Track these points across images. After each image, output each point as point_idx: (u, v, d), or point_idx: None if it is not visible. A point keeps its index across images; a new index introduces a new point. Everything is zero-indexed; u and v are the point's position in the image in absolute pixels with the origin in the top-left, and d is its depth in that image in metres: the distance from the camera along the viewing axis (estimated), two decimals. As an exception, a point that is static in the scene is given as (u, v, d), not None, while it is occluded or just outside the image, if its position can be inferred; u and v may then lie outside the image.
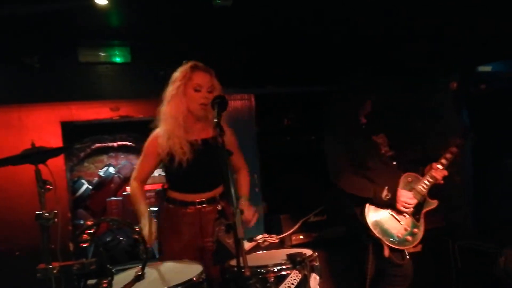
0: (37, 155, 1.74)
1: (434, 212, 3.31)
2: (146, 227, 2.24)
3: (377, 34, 4.03)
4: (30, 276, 1.84)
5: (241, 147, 2.66)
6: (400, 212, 2.86)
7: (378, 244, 2.83)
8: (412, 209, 2.86)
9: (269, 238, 3.45)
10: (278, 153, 4.50)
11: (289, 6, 3.40)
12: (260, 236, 3.51)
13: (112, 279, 1.75)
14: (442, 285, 3.54)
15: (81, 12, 3.18)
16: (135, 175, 2.48)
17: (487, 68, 4.19)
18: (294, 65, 4.32)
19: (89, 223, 1.84)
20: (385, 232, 2.81)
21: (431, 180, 2.91)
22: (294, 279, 1.99)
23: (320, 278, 2.13)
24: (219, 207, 2.20)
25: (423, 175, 2.97)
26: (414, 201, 2.85)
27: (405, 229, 2.85)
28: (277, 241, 3.51)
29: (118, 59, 3.94)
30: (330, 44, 4.23)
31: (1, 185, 3.63)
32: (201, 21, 3.61)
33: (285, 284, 1.98)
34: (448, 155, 2.94)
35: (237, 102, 4.35)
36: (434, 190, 2.98)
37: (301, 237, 3.62)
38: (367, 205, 2.84)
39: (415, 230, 2.87)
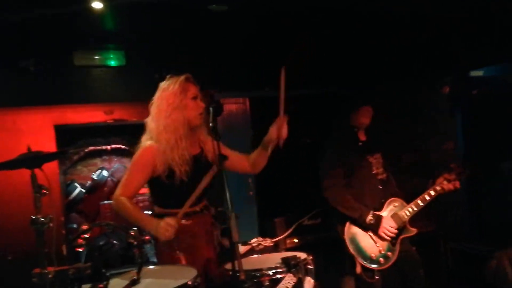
0: (33, 159, 1.73)
1: (427, 216, 3.32)
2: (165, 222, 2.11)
3: (370, 38, 4.06)
4: (24, 281, 1.83)
5: (236, 151, 2.63)
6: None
7: (352, 259, 2.91)
8: (392, 235, 2.92)
9: (264, 242, 3.46)
10: (273, 156, 4.52)
11: (282, 10, 3.43)
12: (255, 239, 3.51)
13: (107, 284, 1.74)
14: (433, 286, 3.56)
15: (77, 16, 3.19)
16: (121, 191, 2.22)
17: (479, 73, 4.24)
18: (288, 68, 4.32)
19: (85, 227, 1.84)
20: (359, 250, 2.91)
21: (415, 208, 2.97)
22: (289, 282, 2.00)
23: (315, 281, 2.14)
24: (212, 212, 2.20)
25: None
26: (394, 230, 2.92)
27: (380, 251, 2.92)
28: (271, 244, 3.52)
29: (113, 63, 3.94)
30: (326, 47, 4.26)
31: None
32: (195, 25, 3.62)
33: (280, 287, 1.98)
34: (445, 186, 2.97)
35: (232, 106, 4.36)
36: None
37: (296, 240, 3.63)
38: (348, 222, 2.92)
39: (389, 253, 2.94)
